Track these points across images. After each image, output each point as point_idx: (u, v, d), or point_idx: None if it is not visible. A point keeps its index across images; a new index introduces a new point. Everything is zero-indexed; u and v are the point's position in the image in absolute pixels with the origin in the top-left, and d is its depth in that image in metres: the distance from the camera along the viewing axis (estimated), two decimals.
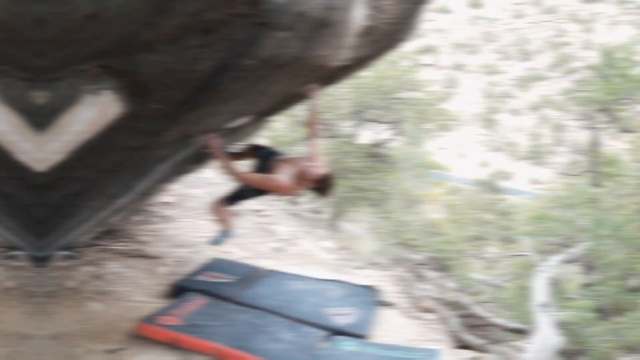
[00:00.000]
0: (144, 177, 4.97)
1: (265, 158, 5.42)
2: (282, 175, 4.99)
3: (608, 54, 11.47)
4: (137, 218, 8.48)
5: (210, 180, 11.96)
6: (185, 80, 2.74)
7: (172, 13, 1.95)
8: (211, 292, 6.41)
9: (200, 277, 6.88)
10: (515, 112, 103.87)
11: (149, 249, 7.73)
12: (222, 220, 5.85)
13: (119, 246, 7.44)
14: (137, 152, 3.71)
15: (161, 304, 6.10)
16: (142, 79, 2.49)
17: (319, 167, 4.95)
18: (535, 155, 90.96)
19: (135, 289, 6.45)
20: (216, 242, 6.05)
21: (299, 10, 2.89)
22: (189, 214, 9.63)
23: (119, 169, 3.97)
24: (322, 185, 4.97)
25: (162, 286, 6.80)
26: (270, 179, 5.00)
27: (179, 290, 6.45)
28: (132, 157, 3.81)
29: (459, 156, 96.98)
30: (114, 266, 6.84)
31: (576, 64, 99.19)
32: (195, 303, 5.98)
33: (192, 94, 3.02)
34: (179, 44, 2.40)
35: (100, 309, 5.79)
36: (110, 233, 7.72)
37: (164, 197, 9.53)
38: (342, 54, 4.24)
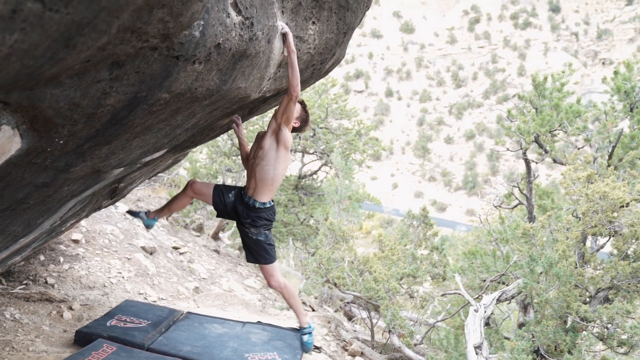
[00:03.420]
0: (49, 215, 4.88)
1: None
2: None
3: (539, 85, 11.91)
4: (41, 258, 8.28)
5: (124, 215, 11.79)
6: (94, 114, 2.72)
7: (78, 47, 1.95)
8: (122, 339, 6.30)
9: (111, 322, 6.76)
10: (449, 140, 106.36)
11: (54, 292, 7.55)
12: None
13: (19, 289, 7.24)
14: (42, 189, 3.64)
15: (66, 353, 5.96)
16: (46, 114, 2.46)
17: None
18: (471, 186, 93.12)
19: (37, 338, 6.28)
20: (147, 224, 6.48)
21: (216, 43, 2.92)
22: (99, 252, 9.46)
23: (21, 207, 3.89)
24: (305, 116, 5.34)
25: (67, 333, 6.64)
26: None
27: (86, 337, 6.31)
28: (36, 194, 3.74)
29: (391, 187, 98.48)
30: (12, 312, 6.64)
31: (511, 91, 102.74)
32: (104, 351, 5.85)
33: (102, 129, 3.00)
34: (86, 77, 2.39)
35: None
36: (10, 275, 7.51)
37: (73, 234, 9.34)
38: (263, 85, 4.29)
